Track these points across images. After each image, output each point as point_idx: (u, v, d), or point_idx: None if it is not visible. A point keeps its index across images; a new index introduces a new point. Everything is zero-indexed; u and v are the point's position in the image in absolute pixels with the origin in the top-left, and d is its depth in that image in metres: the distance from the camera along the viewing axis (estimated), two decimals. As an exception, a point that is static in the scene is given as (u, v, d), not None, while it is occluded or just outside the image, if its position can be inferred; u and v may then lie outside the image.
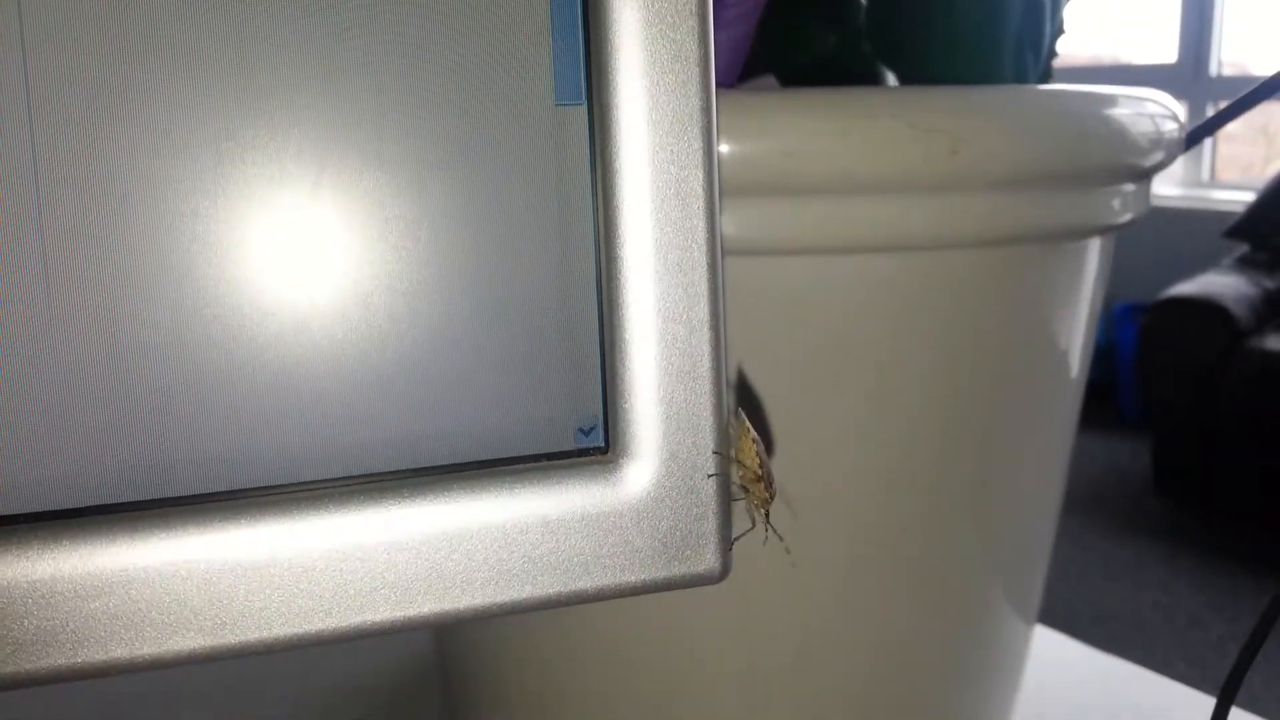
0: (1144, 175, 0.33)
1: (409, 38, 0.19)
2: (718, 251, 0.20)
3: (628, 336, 0.19)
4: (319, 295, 0.19)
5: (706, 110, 0.20)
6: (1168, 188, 3.29)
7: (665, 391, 0.20)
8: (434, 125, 0.19)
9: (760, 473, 0.22)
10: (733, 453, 0.22)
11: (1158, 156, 0.32)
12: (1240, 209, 2.73)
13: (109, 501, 0.18)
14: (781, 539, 0.28)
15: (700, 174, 0.19)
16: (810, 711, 0.33)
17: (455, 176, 0.19)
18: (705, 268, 0.20)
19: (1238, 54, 3.27)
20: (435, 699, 0.44)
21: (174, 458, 0.18)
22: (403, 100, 0.19)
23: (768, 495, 0.22)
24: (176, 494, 0.18)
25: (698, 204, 0.19)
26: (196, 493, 0.18)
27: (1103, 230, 0.33)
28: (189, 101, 0.18)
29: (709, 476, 0.21)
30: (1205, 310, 2.28)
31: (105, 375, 0.17)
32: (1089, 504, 2.36)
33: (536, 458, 0.20)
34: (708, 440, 0.20)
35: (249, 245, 0.18)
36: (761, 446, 0.22)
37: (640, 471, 0.20)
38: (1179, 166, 3.34)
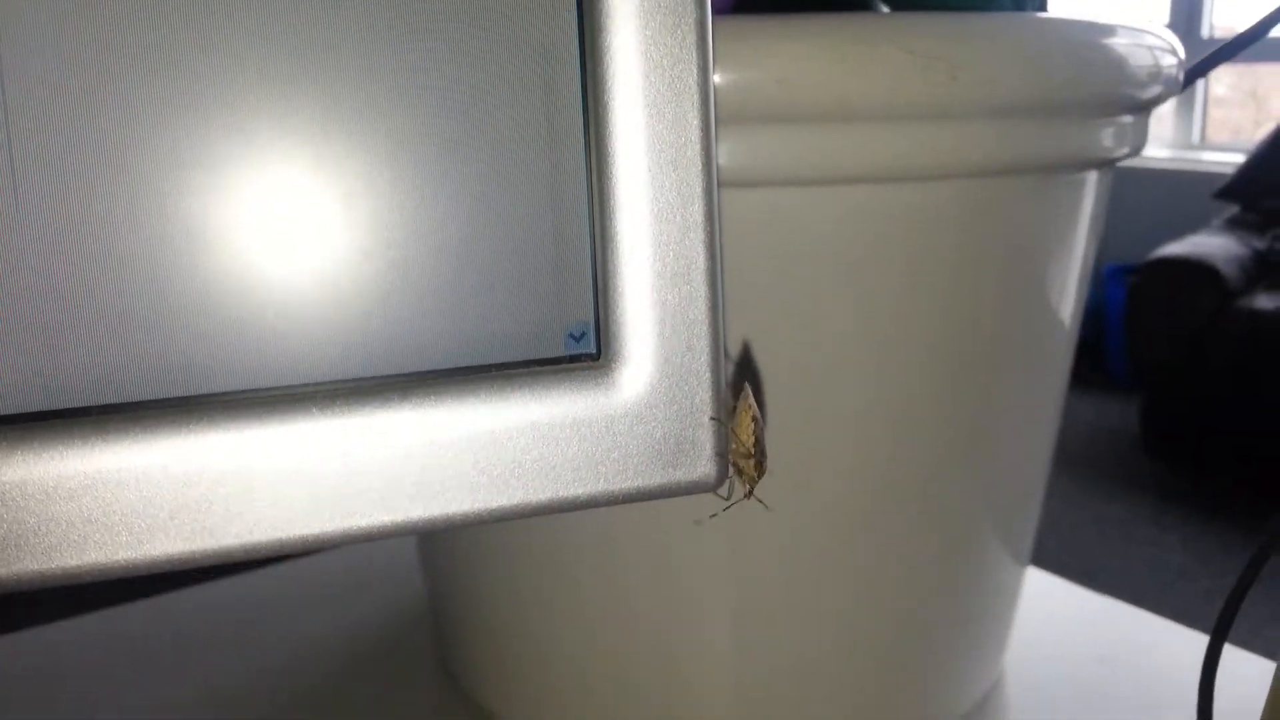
0: (1142, 108, 0.32)
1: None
2: (712, 148, 0.19)
3: (619, 237, 0.19)
4: (303, 199, 0.18)
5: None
6: (1158, 150, 3.29)
7: (658, 295, 0.19)
8: (416, 11, 0.18)
9: (753, 450, 0.22)
10: (731, 427, 0.21)
11: (1155, 90, 0.31)
12: (1230, 171, 2.73)
13: (79, 404, 0.17)
14: (766, 506, 0.28)
15: (694, 68, 0.19)
16: (807, 646, 0.33)
17: (439, 68, 0.18)
18: (700, 165, 0.19)
19: (1229, 18, 3.25)
20: (429, 643, 0.44)
21: (150, 361, 0.17)
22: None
23: (756, 474, 0.22)
24: (152, 397, 0.17)
25: (692, 97, 0.19)
26: (174, 395, 0.18)
27: (1099, 163, 0.32)
28: (165, 14, 0.17)
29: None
30: (1195, 270, 2.28)
31: (74, 276, 0.17)
32: (1079, 463, 2.37)
33: (526, 364, 0.19)
34: (703, 344, 0.19)
35: (233, 151, 0.18)
36: (761, 424, 0.22)
37: (633, 377, 0.19)
38: (1170, 128, 3.34)
